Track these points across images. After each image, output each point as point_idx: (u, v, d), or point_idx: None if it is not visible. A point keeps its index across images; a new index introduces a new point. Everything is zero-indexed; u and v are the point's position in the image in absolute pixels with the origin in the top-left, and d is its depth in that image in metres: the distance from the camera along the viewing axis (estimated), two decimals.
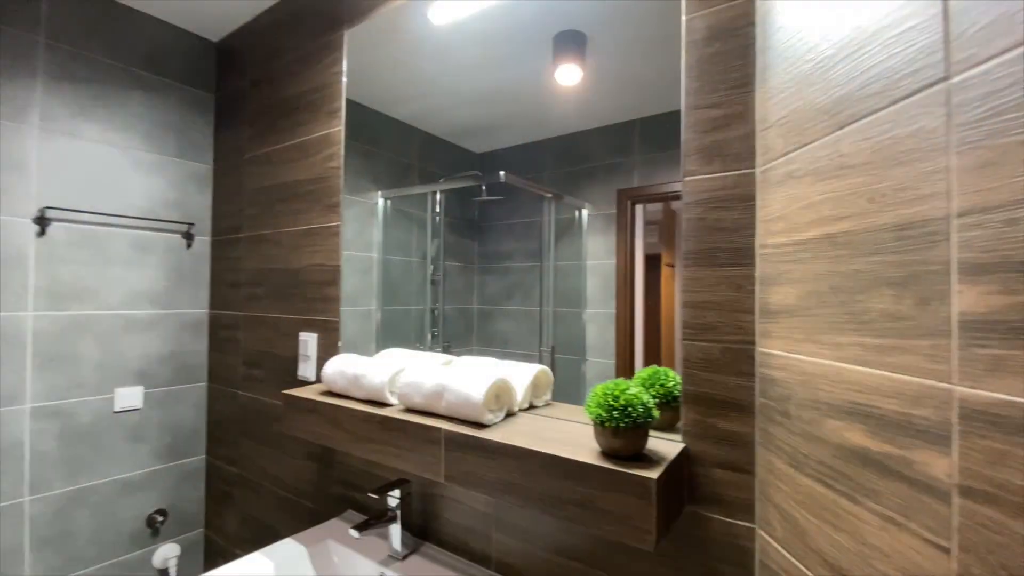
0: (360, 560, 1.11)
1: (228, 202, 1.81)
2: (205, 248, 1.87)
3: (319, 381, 1.41)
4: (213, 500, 1.85)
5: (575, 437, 0.80)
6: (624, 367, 0.94)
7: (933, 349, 0.46)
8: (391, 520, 1.10)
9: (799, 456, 0.63)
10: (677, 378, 0.82)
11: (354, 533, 1.04)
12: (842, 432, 0.56)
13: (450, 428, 0.86)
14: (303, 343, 1.46)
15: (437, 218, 1.27)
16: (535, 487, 0.74)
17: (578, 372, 1.01)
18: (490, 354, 1.13)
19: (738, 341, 0.74)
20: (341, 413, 1.03)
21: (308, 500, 1.47)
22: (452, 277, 1.23)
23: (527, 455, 0.75)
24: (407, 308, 1.30)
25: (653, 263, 0.92)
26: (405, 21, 1.26)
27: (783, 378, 0.66)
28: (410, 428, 0.91)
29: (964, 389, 0.43)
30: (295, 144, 1.53)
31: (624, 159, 0.94)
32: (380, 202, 1.35)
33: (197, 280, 1.85)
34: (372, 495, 1.06)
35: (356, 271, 1.37)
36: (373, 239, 1.36)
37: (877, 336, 0.52)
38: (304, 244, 1.48)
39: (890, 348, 0.50)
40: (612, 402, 0.68)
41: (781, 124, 0.67)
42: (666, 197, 0.90)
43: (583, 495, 0.69)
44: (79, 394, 1.56)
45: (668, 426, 0.82)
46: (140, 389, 1.69)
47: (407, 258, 1.32)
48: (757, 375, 0.72)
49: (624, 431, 0.68)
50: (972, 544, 0.43)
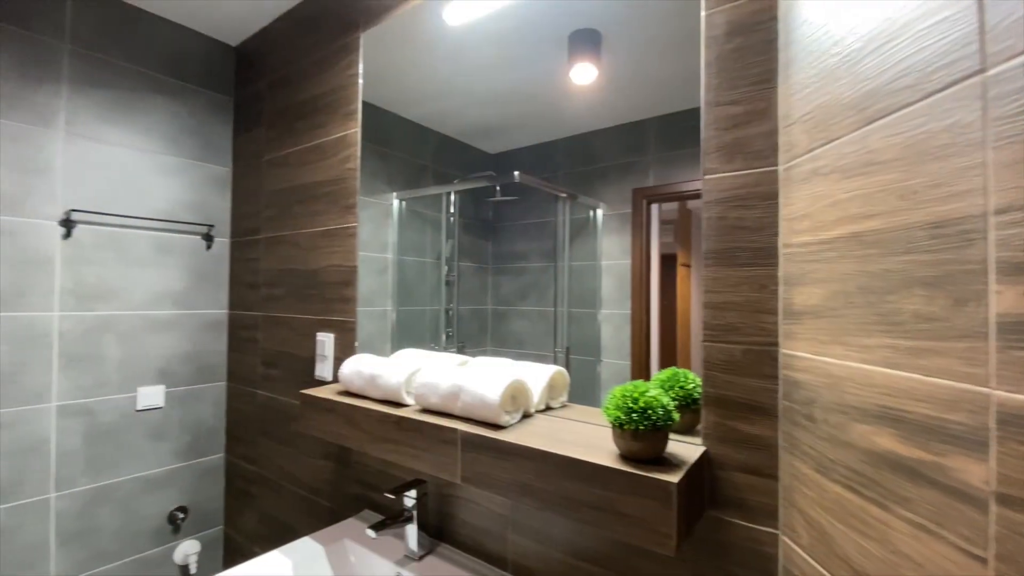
0: (377, 560, 1.11)
1: (247, 204, 1.83)
2: (224, 249, 1.90)
3: (336, 381, 1.42)
4: (232, 498, 1.87)
5: (592, 439, 0.79)
6: (640, 368, 0.93)
7: (969, 352, 0.44)
8: (407, 520, 1.10)
9: (825, 461, 0.61)
10: (697, 380, 0.80)
11: (371, 533, 1.04)
12: (871, 437, 0.55)
13: (466, 429, 0.85)
14: (320, 343, 1.47)
15: (451, 219, 1.27)
16: (552, 489, 0.73)
17: (593, 373, 1.00)
18: (504, 355, 1.13)
19: (760, 342, 0.72)
20: (358, 413, 1.04)
21: (325, 499, 1.48)
22: (466, 277, 1.23)
23: (544, 457, 0.74)
24: (422, 309, 1.30)
25: (668, 263, 0.91)
26: (420, 22, 1.26)
27: (808, 381, 0.64)
28: (426, 428, 0.91)
29: (1002, 393, 0.42)
30: (312, 146, 1.55)
31: (639, 158, 0.93)
32: (395, 203, 1.36)
33: (217, 281, 1.88)
34: (388, 495, 1.06)
35: (371, 272, 1.38)
36: (388, 240, 1.36)
37: (909, 338, 0.50)
38: (321, 245, 1.50)
39: (923, 350, 0.49)
40: (631, 404, 0.67)
41: (805, 120, 0.65)
42: (682, 196, 0.88)
43: (602, 498, 0.68)
44: (103, 392, 1.60)
45: (688, 429, 0.81)
46: (162, 388, 1.72)
47: (422, 259, 1.32)
48: (780, 377, 0.71)
49: (643, 434, 0.67)
50: (1010, 554, 0.41)
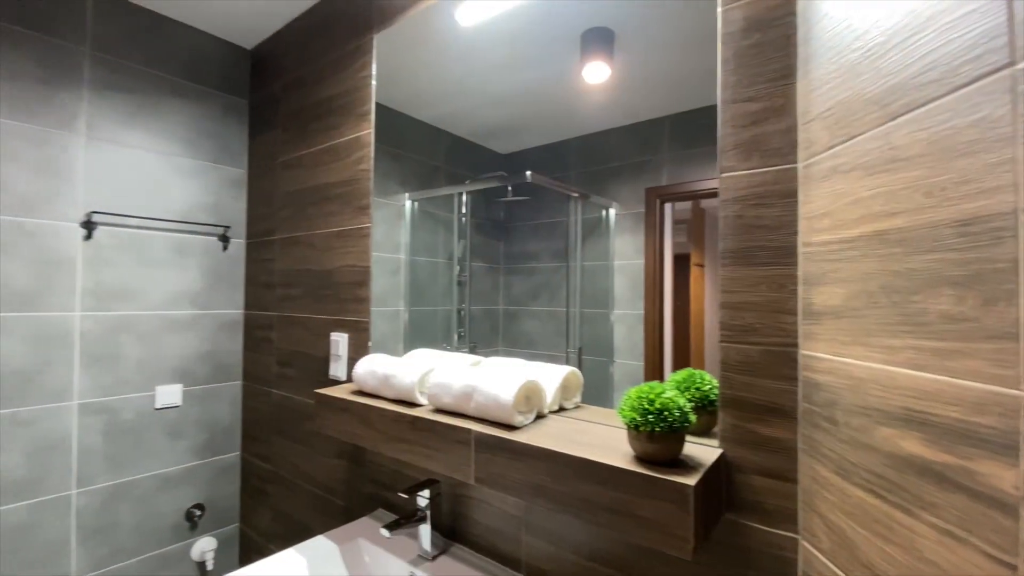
0: (391, 559, 1.11)
1: (262, 205, 1.86)
2: (240, 250, 1.93)
3: (350, 380, 1.43)
4: (248, 496, 1.89)
5: (607, 441, 0.78)
6: (653, 369, 0.92)
7: (999, 353, 0.43)
8: (421, 520, 1.10)
9: (847, 464, 0.60)
10: (713, 381, 0.79)
11: (385, 532, 1.04)
12: (895, 440, 0.53)
13: (480, 429, 0.85)
14: (334, 343, 1.48)
15: (463, 219, 1.27)
16: (567, 491, 0.72)
17: (606, 374, 0.99)
18: (516, 355, 1.13)
19: (779, 343, 0.71)
20: (372, 413, 1.04)
21: (339, 498, 1.49)
22: (478, 278, 1.23)
23: (559, 458, 0.74)
24: (434, 309, 1.30)
25: (682, 263, 0.90)
26: (433, 23, 1.26)
27: (829, 382, 0.63)
28: (439, 428, 0.91)
29: None
30: (326, 148, 1.56)
31: (653, 157, 0.92)
32: (408, 204, 1.36)
33: (233, 281, 1.90)
34: (402, 495, 1.07)
35: (384, 272, 1.38)
36: (401, 240, 1.37)
37: (936, 339, 0.49)
38: (336, 246, 1.51)
39: (950, 352, 0.47)
40: (647, 406, 0.67)
41: (826, 116, 0.64)
42: (697, 195, 0.87)
43: (617, 501, 0.67)
44: (123, 391, 1.63)
45: (704, 431, 0.80)
46: (179, 387, 1.75)
47: (434, 259, 1.32)
48: (800, 379, 0.69)
49: (660, 436, 0.66)
50: None
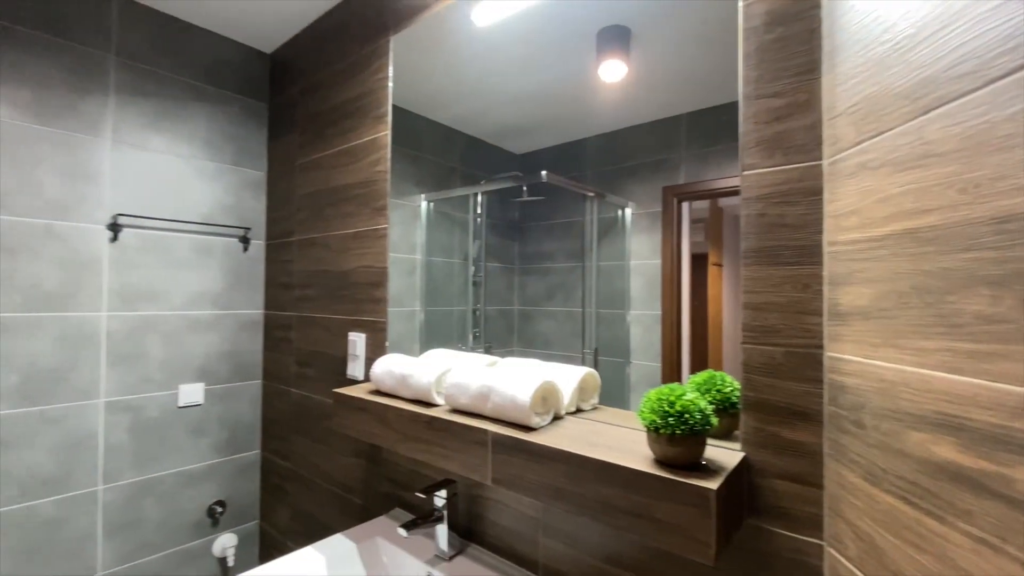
0: (408, 559, 1.12)
1: (281, 207, 1.88)
2: (260, 251, 1.96)
3: (367, 380, 1.44)
4: (267, 493, 1.92)
5: (626, 443, 0.77)
6: (671, 371, 0.91)
7: None
8: (438, 520, 1.10)
9: (876, 470, 0.58)
10: (735, 383, 0.78)
11: (402, 532, 1.05)
12: (928, 445, 0.51)
13: (496, 430, 0.85)
14: (352, 343, 1.49)
15: (479, 219, 1.27)
16: (586, 493, 0.72)
17: (622, 375, 0.98)
18: (531, 355, 1.12)
19: (803, 345, 0.69)
20: (390, 412, 1.05)
21: (357, 497, 1.50)
22: (493, 278, 1.23)
23: (577, 460, 0.73)
24: (449, 309, 1.31)
25: (699, 263, 0.88)
26: (448, 24, 1.26)
27: (856, 385, 0.61)
28: (456, 429, 0.91)
29: None
30: (343, 149, 1.57)
31: (670, 155, 0.90)
32: (423, 205, 1.36)
33: (253, 282, 1.93)
34: (419, 495, 1.07)
35: (400, 273, 1.39)
36: (416, 241, 1.37)
37: (971, 341, 0.47)
38: (353, 247, 1.52)
39: (987, 354, 0.46)
40: (667, 408, 0.65)
41: (852, 112, 0.62)
42: (715, 194, 0.85)
43: (637, 504, 0.66)
44: (147, 389, 1.66)
45: (725, 434, 0.78)
46: (201, 386, 1.78)
47: (449, 259, 1.32)
48: (825, 381, 0.68)
49: (680, 439, 0.65)
50: None
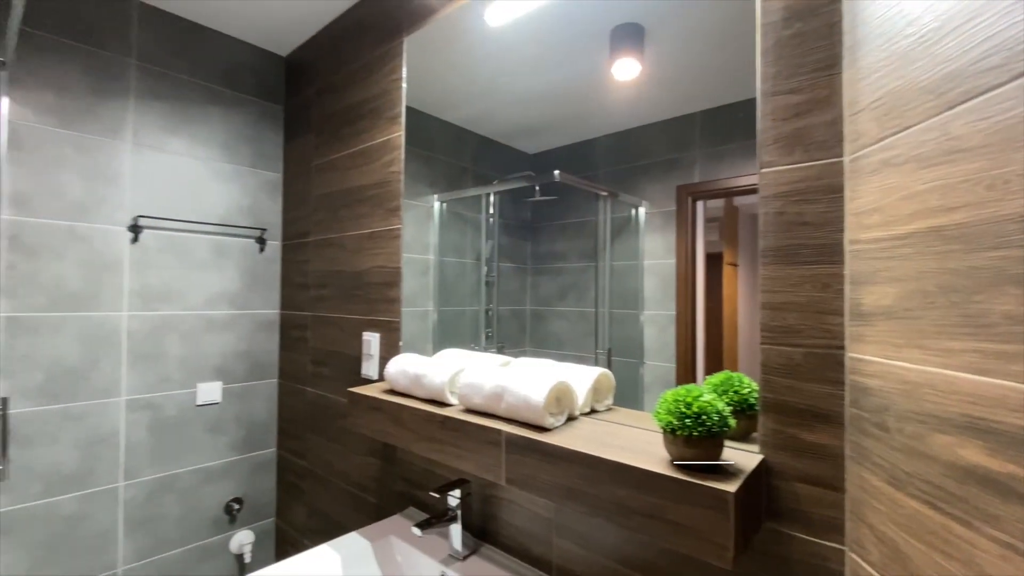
0: (422, 558, 1.12)
1: (297, 208, 1.90)
2: (276, 252, 1.98)
3: (382, 379, 1.45)
4: (283, 491, 1.94)
5: (641, 444, 0.76)
6: (685, 371, 0.90)
7: None
8: (452, 520, 1.10)
9: (900, 473, 0.57)
10: (752, 385, 0.77)
11: (416, 531, 1.05)
12: (954, 449, 0.50)
13: (510, 430, 0.85)
14: (366, 342, 1.50)
15: (491, 219, 1.27)
16: (601, 495, 0.71)
17: (636, 376, 0.97)
18: (544, 356, 1.12)
19: (824, 345, 0.68)
20: (404, 411, 1.05)
21: (371, 495, 1.51)
22: (506, 278, 1.23)
23: (592, 461, 0.72)
24: (462, 309, 1.31)
25: (714, 262, 0.87)
26: (462, 24, 1.27)
27: (879, 387, 0.60)
28: (470, 429, 0.91)
29: None
30: (358, 151, 1.59)
31: (684, 154, 0.89)
32: (436, 205, 1.37)
33: (269, 282, 1.96)
34: (433, 494, 1.07)
35: (413, 273, 1.40)
36: (429, 241, 1.38)
37: (1000, 341, 0.46)
38: (367, 247, 1.53)
39: (1016, 355, 0.44)
40: (684, 409, 0.65)
41: (875, 107, 0.61)
42: (731, 192, 0.84)
43: (653, 506, 0.66)
44: (166, 388, 1.69)
45: (743, 436, 0.77)
46: (219, 384, 1.81)
47: (462, 260, 1.33)
48: (847, 383, 0.66)
49: (697, 440, 0.65)
50: None
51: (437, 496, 1.09)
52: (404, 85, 1.41)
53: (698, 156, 0.88)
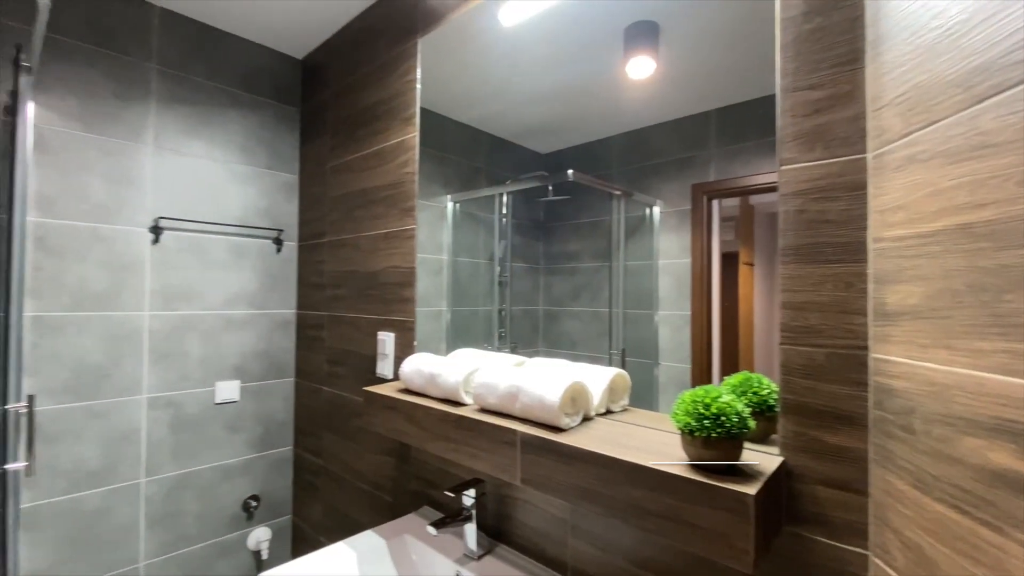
0: (437, 557, 1.13)
1: (313, 209, 1.92)
2: (293, 253, 2.00)
3: (396, 378, 1.45)
4: (300, 489, 1.96)
5: (658, 446, 0.76)
6: (701, 372, 0.89)
7: None
8: (466, 519, 1.11)
9: (926, 477, 0.55)
10: (772, 385, 0.75)
11: (431, 530, 1.05)
12: (984, 452, 0.49)
13: (525, 430, 0.84)
14: (381, 342, 1.51)
15: (504, 220, 1.27)
16: (617, 496, 0.71)
17: (650, 376, 0.96)
18: (557, 356, 1.11)
19: (847, 346, 0.66)
20: (418, 411, 1.05)
21: (386, 494, 1.52)
22: (519, 278, 1.22)
23: (608, 462, 0.72)
24: (475, 309, 1.31)
25: (729, 262, 0.86)
26: (475, 24, 1.27)
27: (905, 388, 0.58)
28: (485, 428, 0.91)
29: None
30: (373, 152, 1.60)
31: (699, 152, 0.88)
32: (449, 205, 1.37)
33: (286, 283, 1.98)
34: (448, 493, 1.07)
35: (427, 273, 1.40)
36: (443, 241, 1.38)
37: None
38: (382, 247, 1.54)
39: None
40: (702, 410, 0.64)
41: (899, 102, 0.60)
42: (747, 191, 0.83)
43: (671, 508, 0.65)
44: (186, 386, 1.72)
45: (762, 438, 0.76)
46: (237, 383, 1.84)
47: (475, 260, 1.33)
48: (871, 384, 0.65)
49: (716, 442, 0.64)
50: None
51: (452, 495, 1.09)
52: (418, 86, 1.42)
53: (713, 154, 0.87)
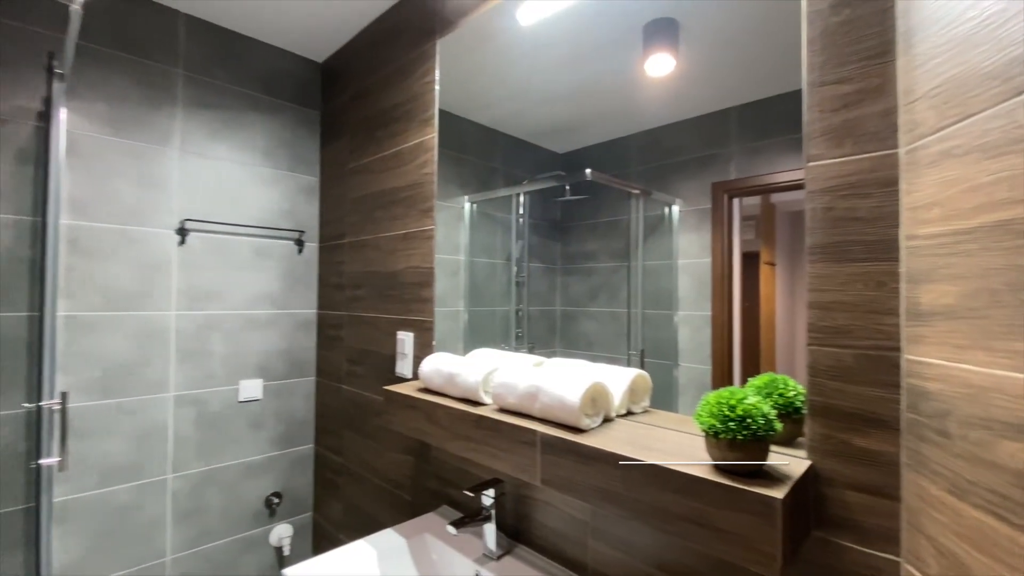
0: (456, 556, 1.13)
1: (333, 210, 1.95)
2: (313, 254, 2.03)
3: (415, 378, 1.46)
4: (320, 486, 1.99)
5: (681, 448, 0.75)
6: (722, 374, 0.87)
7: None
8: (485, 519, 1.11)
9: (963, 482, 0.54)
10: (798, 387, 0.74)
11: (451, 530, 1.06)
12: (1023, 456, 0.47)
13: (545, 431, 0.84)
14: (400, 341, 1.52)
15: (521, 220, 1.27)
16: (640, 498, 0.70)
17: (670, 378, 0.95)
18: (574, 356, 1.11)
19: (878, 347, 0.65)
20: (438, 410, 1.06)
21: (406, 493, 1.53)
22: (536, 278, 1.22)
23: (631, 464, 0.71)
24: (492, 309, 1.31)
25: (750, 261, 0.84)
26: (494, 24, 1.27)
27: (940, 391, 0.57)
28: (504, 428, 0.91)
29: None
30: (392, 153, 1.61)
31: (720, 150, 0.87)
32: (466, 206, 1.38)
33: (307, 283, 2.01)
34: (468, 493, 1.08)
35: (444, 273, 1.41)
36: (460, 242, 1.39)
37: None
38: (401, 248, 1.55)
39: None
40: (727, 412, 0.63)
41: (933, 95, 0.58)
42: (770, 189, 0.81)
43: (695, 511, 0.64)
44: (211, 385, 1.76)
45: (787, 440, 0.75)
46: (260, 382, 1.87)
47: (492, 260, 1.33)
48: (903, 386, 0.63)
49: (741, 444, 0.63)
50: None
51: (471, 495, 1.09)
52: (437, 87, 1.43)
53: (734, 152, 0.85)
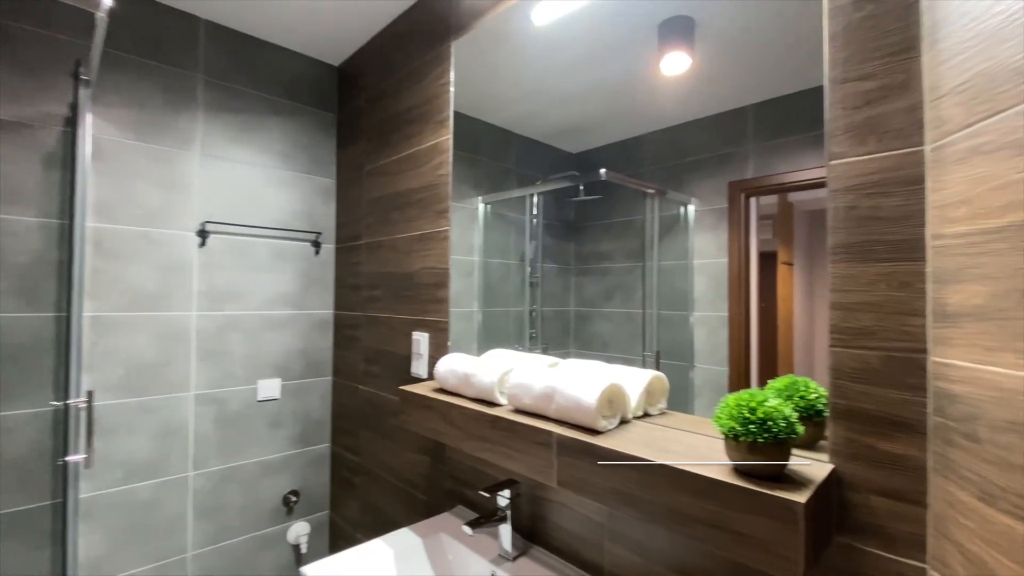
0: (472, 557, 1.13)
1: (349, 212, 1.97)
2: (330, 255, 2.06)
3: (431, 378, 1.47)
4: (337, 485, 2.01)
5: (699, 450, 0.74)
6: (739, 375, 0.86)
7: None
8: (501, 520, 1.11)
9: (992, 488, 0.52)
10: (820, 389, 0.72)
11: (467, 530, 1.06)
12: None
13: (561, 432, 0.84)
14: (416, 342, 1.53)
15: (535, 220, 1.27)
16: (658, 501, 0.69)
17: (686, 379, 0.94)
18: (589, 357, 1.11)
19: (903, 348, 0.63)
20: (454, 410, 1.06)
21: (421, 492, 1.54)
22: (550, 279, 1.22)
23: (649, 466, 0.71)
24: (506, 310, 1.31)
25: (767, 261, 0.83)
26: (508, 25, 1.27)
27: (968, 394, 0.55)
28: (520, 429, 0.91)
29: None
30: (407, 155, 1.62)
31: (736, 149, 0.86)
32: (480, 207, 1.38)
33: (324, 284, 2.04)
34: (483, 493, 1.08)
35: (458, 274, 1.41)
36: (474, 243, 1.39)
37: None
38: (416, 249, 1.56)
39: None
40: (748, 415, 0.62)
41: (961, 91, 0.56)
42: (788, 188, 0.80)
43: (715, 514, 0.63)
44: (230, 384, 1.79)
45: (809, 444, 0.73)
46: (278, 381, 1.90)
47: (506, 261, 1.33)
48: (930, 389, 0.62)
49: (762, 447, 0.62)
50: None
51: (486, 496, 1.09)
52: (452, 89, 1.43)
53: (751, 151, 0.84)
